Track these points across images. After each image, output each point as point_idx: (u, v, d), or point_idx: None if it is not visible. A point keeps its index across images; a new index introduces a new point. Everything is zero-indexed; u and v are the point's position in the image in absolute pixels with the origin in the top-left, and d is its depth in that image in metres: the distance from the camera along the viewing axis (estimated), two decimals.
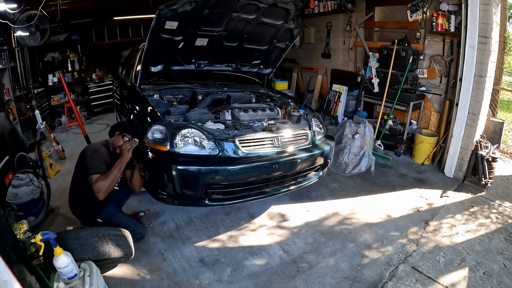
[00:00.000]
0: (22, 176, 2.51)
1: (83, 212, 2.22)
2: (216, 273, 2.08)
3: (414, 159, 3.97)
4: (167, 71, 3.08)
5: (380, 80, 4.24)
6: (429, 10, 3.87)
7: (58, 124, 5.57)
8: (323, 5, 5.42)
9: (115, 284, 1.94)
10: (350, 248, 2.35)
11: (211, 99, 3.05)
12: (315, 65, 6.02)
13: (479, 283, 2.01)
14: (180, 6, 2.41)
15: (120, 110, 3.70)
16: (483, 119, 3.56)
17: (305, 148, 2.60)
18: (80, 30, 5.86)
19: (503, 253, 2.29)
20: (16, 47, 4.11)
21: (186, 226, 2.57)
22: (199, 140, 2.24)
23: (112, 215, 2.20)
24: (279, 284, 2.00)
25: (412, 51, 3.90)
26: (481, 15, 3.03)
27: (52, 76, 5.63)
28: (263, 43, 3.27)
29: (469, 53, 3.19)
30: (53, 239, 1.48)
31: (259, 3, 2.70)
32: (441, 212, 2.85)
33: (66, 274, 1.50)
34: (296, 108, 3.11)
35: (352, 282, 2.02)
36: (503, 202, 3.04)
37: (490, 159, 3.26)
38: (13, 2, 3.23)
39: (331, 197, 3.09)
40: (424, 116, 4.22)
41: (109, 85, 5.97)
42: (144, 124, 2.37)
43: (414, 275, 2.08)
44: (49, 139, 3.88)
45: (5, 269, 1.15)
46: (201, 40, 2.89)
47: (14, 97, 4.29)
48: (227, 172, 2.23)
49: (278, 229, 2.57)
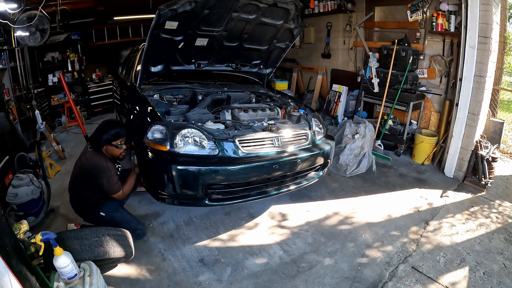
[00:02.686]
0: (22, 176, 2.51)
1: (86, 208, 2.24)
2: (216, 273, 2.08)
3: (414, 159, 3.97)
4: (167, 71, 3.08)
5: (380, 80, 4.24)
6: (429, 10, 3.87)
7: (58, 124, 5.57)
8: (323, 5, 5.42)
9: (115, 284, 1.94)
10: (350, 248, 2.35)
11: (211, 99, 3.05)
12: (315, 65, 6.02)
13: (479, 283, 2.01)
14: (180, 6, 2.41)
15: (120, 110, 3.70)
16: (483, 119, 3.56)
17: (305, 148, 2.60)
18: (80, 30, 5.86)
19: (503, 253, 2.29)
20: (16, 47, 4.11)
21: (186, 226, 2.57)
22: (199, 140, 2.24)
23: (115, 210, 2.23)
24: (279, 284, 2.00)
25: (412, 51, 3.90)
26: (481, 15, 3.03)
27: (52, 76, 5.62)
28: (263, 43, 3.27)
29: (469, 53, 3.19)
30: (53, 239, 1.48)
31: (259, 3, 2.70)
32: (441, 212, 2.85)
33: (66, 274, 1.50)
34: (296, 108, 3.10)
35: (352, 282, 2.02)
36: (503, 202, 3.04)
37: (490, 159, 3.26)
38: (13, 2, 3.23)
39: (331, 197, 3.09)
40: (424, 116, 4.22)
41: (109, 85, 5.97)
42: (144, 124, 2.37)
43: (414, 275, 2.08)
44: (49, 139, 3.88)
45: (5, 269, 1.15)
46: (201, 40, 2.89)
47: (14, 97, 4.29)
48: (227, 172, 2.23)
49: (278, 229, 2.57)
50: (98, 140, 2.18)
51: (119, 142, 2.22)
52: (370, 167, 3.59)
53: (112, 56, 6.24)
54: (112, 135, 2.17)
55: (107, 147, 2.19)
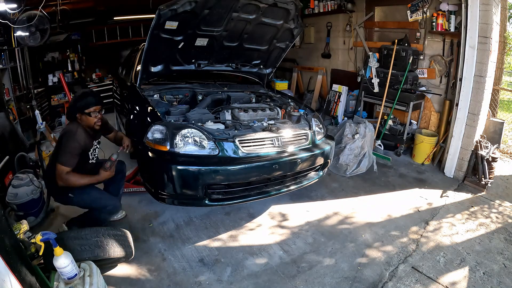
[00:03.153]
0: (22, 176, 2.51)
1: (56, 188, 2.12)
2: (216, 273, 2.08)
3: (414, 159, 3.97)
4: (167, 71, 3.08)
5: (380, 80, 4.24)
6: (429, 10, 3.87)
7: (58, 124, 5.56)
8: (323, 5, 5.42)
9: (115, 284, 1.94)
10: (350, 248, 2.35)
11: (211, 99, 3.05)
12: (315, 65, 6.02)
13: (479, 283, 2.01)
14: (180, 6, 2.41)
15: (120, 110, 3.70)
16: (483, 119, 3.56)
17: (305, 148, 2.60)
18: (80, 30, 5.86)
19: (503, 253, 2.29)
20: (16, 47, 4.11)
21: (186, 226, 2.57)
22: (199, 140, 2.24)
23: (83, 190, 2.10)
24: (279, 284, 2.00)
25: (412, 51, 3.90)
26: (481, 15, 3.03)
27: (52, 76, 5.62)
28: (263, 43, 3.27)
29: (469, 53, 3.19)
30: (53, 239, 1.48)
31: (259, 3, 2.70)
32: (441, 212, 2.85)
33: (66, 274, 1.50)
34: (296, 108, 3.10)
35: (352, 282, 2.02)
36: (503, 202, 3.04)
37: (490, 159, 3.26)
38: (13, 2, 3.23)
39: (331, 197, 3.09)
40: (424, 116, 4.22)
41: (109, 85, 5.96)
42: (144, 124, 2.37)
43: (414, 275, 2.08)
44: (49, 139, 3.87)
45: (5, 269, 1.15)
46: (201, 40, 2.89)
47: (14, 97, 4.28)
48: (227, 172, 2.23)
49: (278, 229, 2.57)
50: (72, 108, 2.13)
51: (92, 110, 2.12)
52: (370, 167, 3.59)
53: (112, 56, 6.24)
54: (85, 103, 2.10)
55: (81, 116, 2.12)
